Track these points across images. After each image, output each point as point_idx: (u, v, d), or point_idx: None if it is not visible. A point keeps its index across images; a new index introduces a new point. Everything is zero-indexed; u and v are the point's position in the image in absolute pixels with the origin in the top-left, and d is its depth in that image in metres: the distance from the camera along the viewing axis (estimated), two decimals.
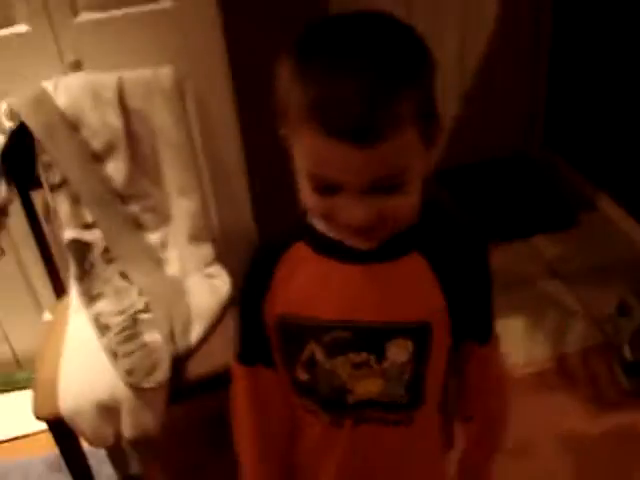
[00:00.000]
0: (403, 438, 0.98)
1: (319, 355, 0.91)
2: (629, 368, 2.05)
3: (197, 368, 1.56)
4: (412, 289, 0.88)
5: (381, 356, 0.89)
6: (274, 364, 0.98)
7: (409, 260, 0.87)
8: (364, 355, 0.90)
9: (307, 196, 0.79)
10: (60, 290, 1.86)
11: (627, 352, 2.06)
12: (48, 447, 1.70)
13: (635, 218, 2.62)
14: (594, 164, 2.82)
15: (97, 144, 1.73)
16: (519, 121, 3.07)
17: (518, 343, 2.22)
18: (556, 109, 3.01)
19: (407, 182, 0.75)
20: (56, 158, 1.69)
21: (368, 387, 0.92)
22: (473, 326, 0.95)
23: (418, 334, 0.89)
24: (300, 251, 0.90)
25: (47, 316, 2.04)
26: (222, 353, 1.47)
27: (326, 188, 0.76)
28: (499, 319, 0.98)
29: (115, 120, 1.72)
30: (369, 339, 0.89)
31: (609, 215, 2.76)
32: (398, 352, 0.89)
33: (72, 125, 1.70)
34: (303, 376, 0.94)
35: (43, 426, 1.55)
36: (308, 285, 0.89)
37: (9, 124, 1.64)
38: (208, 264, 1.79)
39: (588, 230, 2.73)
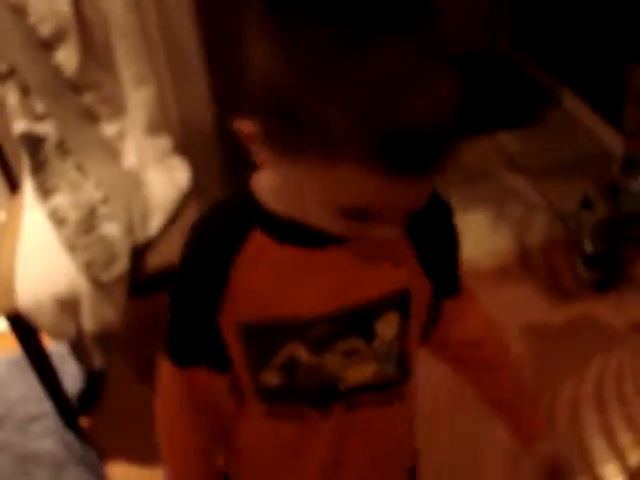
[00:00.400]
0: (392, 416, 0.91)
1: (302, 354, 0.80)
2: (589, 260, 2.08)
3: (157, 260, 1.54)
4: (389, 258, 0.79)
5: (370, 337, 0.81)
6: (222, 366, 0.85)
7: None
8: (353, 340, 0.80)
9: (328, 223, 0.66)
10: (14, 186, 1.80)
11: (588, 245, 2.09)
12: (11, 348, 1.69)
13: (599, 114, 2.61)
14: (559, 61, 2.80)
15: (45, 30, 1.64)
16: (485, 18, 3.01)
17: (482, 236, 2.23)
18: (522, 6, 2.96)
19: None
20: (1, 45, 1.60)
21: (362, 372, 0.84)
22: (446, 283, 0.89)
23: (402, 303, 0.81)
24: (257, 242, 0.74)
25: (1, 215, 1.99)
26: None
27: (358, 216, 0.63)
28: (463, 212, 0.94)
29: (64, 5, 1.62)
30: (357, 322, 0.80)
31: (574, 111, 2.75)
32: (386, 328, 0.81)
33: (17, 9, 1.61)
34: (273, 381, 0.83)
35: (5, 327, 1.53)
36: (278, 281, 0.76)
37: None
38: (166, 156, 1.74)
39: (553, 126, 2.73)
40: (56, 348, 1.85)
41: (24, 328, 1.52)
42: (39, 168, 1.68)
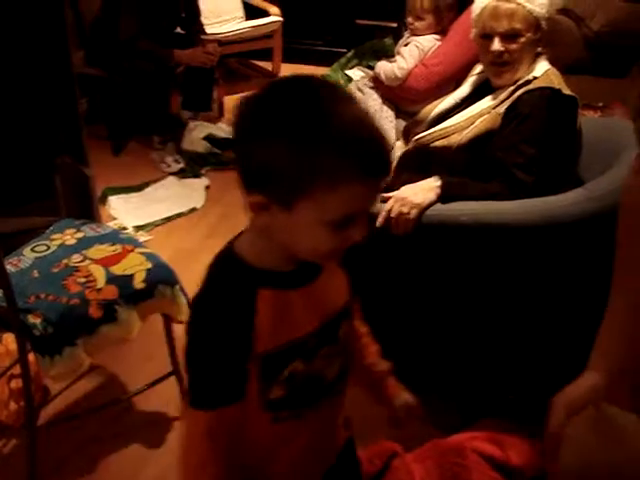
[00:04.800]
0: (342, 402, 1.20)
1: (300, 366, 1.06)
2: None
3: None
4: (338, 279, 1.12)
5: (336, 341, 1.10)
6: (242, 395, 1.04)
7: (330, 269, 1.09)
8: (328, 346, 1.09)
9: (321, 241, 0.95)
10: None
11: None
12: None
13: None
14: None
15: None
16: None
17: None
18: None
19: None
20: None
21: (335, 368, 1.12)
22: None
23: (348, 312, 1.14)
24: (264, 296, 1.00)
25: None
26: None
27: (346, 222, 0.93)
28: None
29: None
30: (330, 330, 1.09)
31: None
32: (344, 332, 1.12)
33: None
34: (278, 393, 1.06)
35: None
36: (282, 316, 1.02)
37: None
38: None
39: None
40: None
41: None
42: None
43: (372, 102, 3.13)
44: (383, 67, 3.17)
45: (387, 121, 3.08)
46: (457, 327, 2.08)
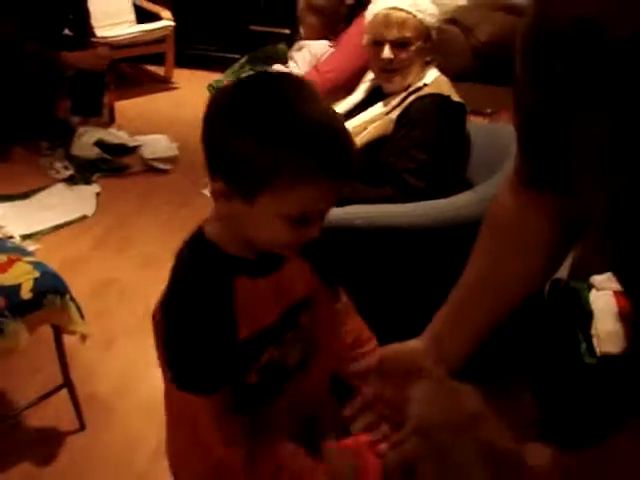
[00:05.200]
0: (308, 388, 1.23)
1: (274, 353, 1.11)
2: None
3: None
4: (302, 272, 1.14)
5: (297, 324, 1.14)
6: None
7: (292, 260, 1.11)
8: (291, 331, 1.13)
9: (279, 235, 0.98)
10: None
11: None
12: None
13: None
14: None
15: None
16: None
17: None
18: None
19: None
20: None
21: (297, 354, 1.16)
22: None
23: (309, 303, 1.16)
24: (241, 282, 1.04)
25: None
26: None
27: (303, 219, 0.97)
28: None
29: None
30: (292, 317, 1.13)
31: None
32: (306, 317, 1.16)
33: None
34: (254, 379, 1.10)
35: None
36: (256, 303, 1.06)
37: None
38: None
39: None
40: None
41: None
42: None
43: None
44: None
45: None
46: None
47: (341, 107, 2.38)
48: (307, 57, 3.12)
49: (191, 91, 5.12)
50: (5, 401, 2.23)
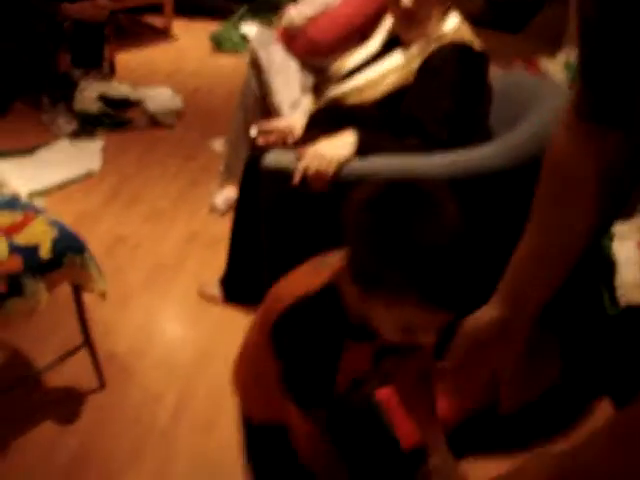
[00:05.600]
0: None
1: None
2: None
3: None
4: None
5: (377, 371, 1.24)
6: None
7: None
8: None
9: (387, 332, 1.06)
10: None
11: None
12: None
13: None
14: None
15: None
16: None
17: None
18: None
19: None
20: None
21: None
22: None
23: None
24: (348, 345, 1.13)
25: None
26: None
27: (409, 330, 1.03)
28: None
29: None
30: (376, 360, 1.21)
31: None
32: (392, 363, 1.25)
33: None
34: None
35: None
36: (354, 364, 1.16)
37: None
38: None
39: None
40: None
41: None
42: None
43: (275, 55, 3.03)
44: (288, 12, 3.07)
45: (292, 72, 3.00)
46: None
47: (357, 57, 2.31)
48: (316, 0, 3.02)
49: (191, 42, 5.02)
50: (24, 362, 2.22)
